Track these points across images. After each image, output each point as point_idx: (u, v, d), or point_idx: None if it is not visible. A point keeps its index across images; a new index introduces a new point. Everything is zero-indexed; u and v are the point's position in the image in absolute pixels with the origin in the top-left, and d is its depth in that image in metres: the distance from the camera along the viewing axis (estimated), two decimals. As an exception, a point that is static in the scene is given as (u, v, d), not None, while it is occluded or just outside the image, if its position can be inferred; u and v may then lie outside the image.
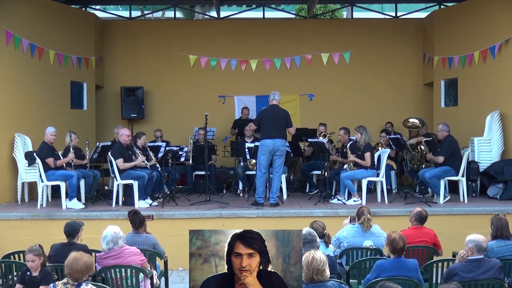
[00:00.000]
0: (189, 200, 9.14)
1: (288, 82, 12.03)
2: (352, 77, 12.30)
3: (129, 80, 12.17)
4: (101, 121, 12.12)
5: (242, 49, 12.01)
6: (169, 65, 12.22)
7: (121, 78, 12.24)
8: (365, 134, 8.75)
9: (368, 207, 6.07)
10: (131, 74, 12.25)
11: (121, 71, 12.30)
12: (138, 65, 12.30)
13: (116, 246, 5.06)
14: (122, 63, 12.32)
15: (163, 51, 12.21)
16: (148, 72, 12.28)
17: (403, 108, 12.09)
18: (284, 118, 8.50)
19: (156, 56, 12.27)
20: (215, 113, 11.15)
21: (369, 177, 8.71)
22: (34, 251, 4.79)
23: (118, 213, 7.86)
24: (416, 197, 8.93)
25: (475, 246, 4.67)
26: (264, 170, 8.46)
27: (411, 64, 12.40)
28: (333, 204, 8.63)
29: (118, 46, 12.33)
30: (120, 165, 8.56)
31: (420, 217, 5.92)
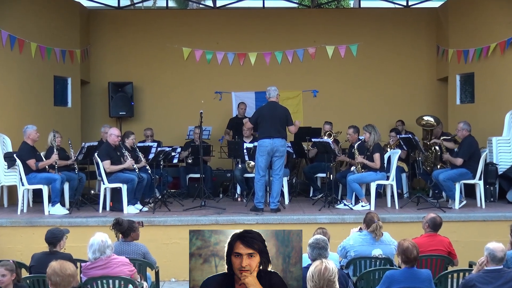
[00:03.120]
0: (182, 205, 9.13)
1: (290, 77, 12.01)
2: (359, 72, 12.29)
3: (117, 75, 12.16)
4: (87, 119, 12.10)
5: (240, 41, 12.00)
6: (161, 58, 12.21)
7: (109, 72, 12.22)
8: (374, 133, 8.75)
9: (377, 213, 6.05)
10: (119, 69, 12.23)
11: (109, 65, 12.28)
12: (127, 58, 12.28)
13: (104, 256, 5.05)
14: (110, 57, 12.30)
15: (155, 44, 12.19)
16: (138, 66, 12.26)
17: (415, 105, 12.08)
18: (284, 116, 8.49)
19: (147, 49, 12.25)
20: (211, 111, 11.14)
21: (378, 180, 8.70)
22: (7, 265, 4.68)
23: (105, 220, 7.84)
24: (430, 202, 8.93)
25: (489, 255, 4.67)
26: (263, 173, 8.46)
27: (423, 58, 12.39)
28: (339, 209, 8.63)
29: (106, 38, 12.31)
30: (107, 167, 8.55)
31: (434, 224, 5.92)
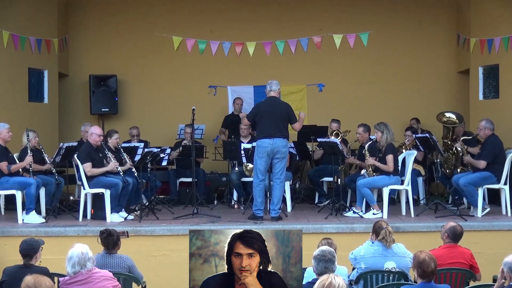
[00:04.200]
0: (172, 213, 9.13)
1: (293, 70, 12.01)
2: (370, 64, 12.29)
3: (99, 67, 12.16)
4: (65, 116, 12.10)
5: (237, 29, 11.99)
6: (149, 49, 12.21)
7: (90, 64, 12.22)
8: (387, 132, 8.75)
9: (386, 221, 6.07)
10: (102, 60, 12.23)
11: (90, 56, 12.27)
12: (110, 49, 12.28)
13: (84, 269, 5.04)
14: (91, 47, 12.29)
15: (141, 32, 12.19)
16: (123, 57, 12.26)
17: (432, 101, 12.09)
18: (285, 113, 8.49)
19: (132, 38, 12.26)
20: (204, 107, 11.13)
21: (392, 184, 8.71)
22: None
23: (86, 229, 7.85)
24: (449, 209, 8.94)
25: (510, 271, 4.61)
26: (262, 177, 8.47)
27: (442, 48, 12.39)
28: (347, 217, 8.63)
29: (87, 26, 12.31)
30: (88, 170, 8.55)
31: (454, 234, 5.92)
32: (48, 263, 5.60)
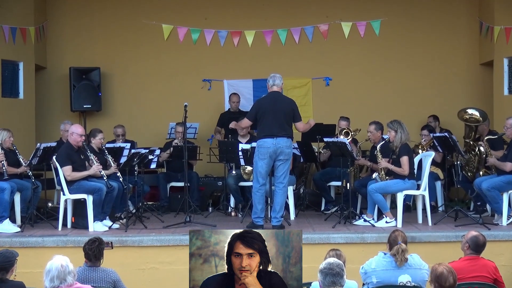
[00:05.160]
0: (162, 221, 9.13)
1: (296, 62, 12.02)
2: (383, 55, 12.29)
3: (81, 59, 12.15)
4: (43, 113, 12.10)
5: (234, 16, 12.00)
6: (136, 38, 12.21)
7: (71, 56, 12.21)
8: (401, 131, 8.76)
9: (403, 232, 6.06)
10: (83, 51, 12.22)
11: (71, 46, 12.27)
12: (93, 38, 12.28)
13: (64, 284, 5.04)
14: (72, 36, 12.29)
15: (128, 20, 12.18)
16: (107, 48, 12.26)
17: (452, 97, 12.09)
18: (289, 109, 8.50)
19: (118, 26, 12.25)
20: (198, 103, 11.13)
21: (407, 189, 8.72)
22: None
23: (66, 239, 7.85)
24: (471, 217, 8.94)
25: None
26: (263, 181, 8.46)
27: (463, 37, 12.40)
28: (357, 226, 8.64)
29: (67, 13, 12.30)
30: (68, 174, 8.54)
31: (476, 244, 5.92)
32: (24, 277, 5.59)
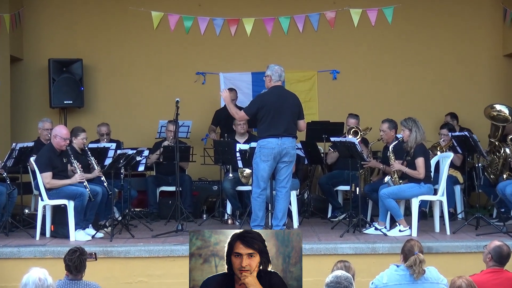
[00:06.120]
0: (151, 229, 9.15)
1: (300, 53, 12.05)
2: (396, 46, 12.31)
3: (61, 50, 12.16)
4: (19, 110, 12.11)
5: (231, 2, 12.00)
6: (122, 27, 12.23)
7: (50, 46, 12.23)
8: (417, 130, 8.76)
9: (419, 241, 6.06)
10: (64, 41, 12.24)
11: (50, 36, 12.29)
12: (75, 27, 12.28)
13: (42, 299, 5.04)
14: (52, 25, 12.29)
15: (113, 7, 12.20)
16: (90, 37, 12.27)
17: (473, 92, 12.12)
18: (296, 106, 8.51)
19: (102, 14, 12.26)
20: (190, 99, 11.14)
21: (423, 194, 8.73)
22: None
23: (44, 250, 7.84)
24: (493, 225, 8.94)
25: None
26: (264, 185, 8.47)
27: (485, 26, 12.41)
28: (368, 235, 8.66)
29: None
30: (47, 182, 8.56)
31: (499, 255, 5.93)
32: (-2, 291, 5.61)
